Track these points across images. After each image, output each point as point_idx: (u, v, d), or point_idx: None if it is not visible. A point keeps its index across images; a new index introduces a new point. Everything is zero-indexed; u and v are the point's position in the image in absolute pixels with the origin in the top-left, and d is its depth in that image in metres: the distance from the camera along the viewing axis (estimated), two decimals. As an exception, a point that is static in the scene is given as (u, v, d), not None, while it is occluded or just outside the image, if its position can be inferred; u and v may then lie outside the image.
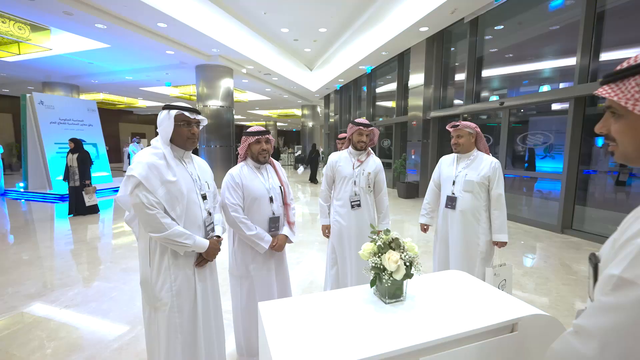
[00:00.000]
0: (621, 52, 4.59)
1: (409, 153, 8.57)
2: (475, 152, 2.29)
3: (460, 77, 7.45)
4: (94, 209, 6.21)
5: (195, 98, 14.87)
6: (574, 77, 4.79)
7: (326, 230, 2.44)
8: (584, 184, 5.07)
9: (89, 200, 5.98)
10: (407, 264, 1.06)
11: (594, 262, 0.64)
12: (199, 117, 1.54)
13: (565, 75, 5.34)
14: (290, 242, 2.01)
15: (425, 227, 2.53)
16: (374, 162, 2.39)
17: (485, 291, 1.24)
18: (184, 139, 1.50)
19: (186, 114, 1.47)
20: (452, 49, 7.70)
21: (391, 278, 1.05)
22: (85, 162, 6.04)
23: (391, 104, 11.03)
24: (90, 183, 6.09)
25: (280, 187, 1.97)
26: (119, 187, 1.67)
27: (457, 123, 2.27)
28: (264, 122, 26.85)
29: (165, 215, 1.38)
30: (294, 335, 0.95)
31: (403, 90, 9.33)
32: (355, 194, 2.31)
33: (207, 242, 1.50)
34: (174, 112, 1.46)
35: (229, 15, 7.66)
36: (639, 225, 0.53)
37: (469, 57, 6.78)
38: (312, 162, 11.50)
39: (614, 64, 4.26)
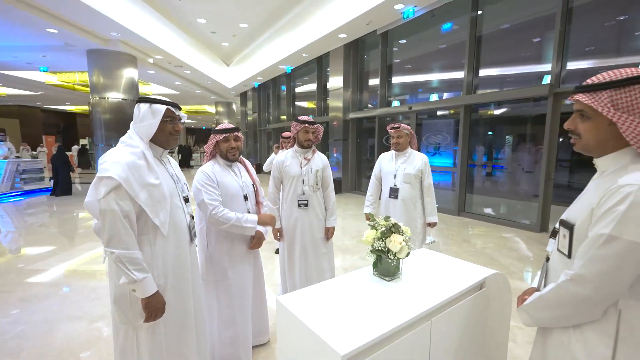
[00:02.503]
0: (493, 69, 5.87)
1: (330, 151, 9.09)
2: (410, 150, 2.69)
3: (373, 82, 8.29)
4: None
5: (81, 88, 12.52)
6: (463, 89, 5.91)
7: (278, 234, 2.39)
8: (469, 176, 6.32)
9: None
10: (408, 244, 1.24)
11: (570, 225, 0.90)
12: (182, 113, 1.42)
13: (452, 86, 6.55)
14: (264, 238, 2.00)
15: (369, 216, 2.81)
16: (320, 159, 2.40)
17: (452, 262, 1.52)
18: (167, 135, 1.36)
19: (172, 109, 1.35)
20: (366, 56, 8.49)
21: (395, 257, 1.22)
22: None
23: (307, 104, 11.47)
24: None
25: (252, 185, 1.94)
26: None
27: (397, 125, 2.62)
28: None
29: (131, 233, 1.20)
30: (327, 318, 1.02)
31: (322, 92, 9.81)
32: (303, 193, 2.30)
33: (153, 289, 1.23)
34: (161, 107, 1.31)
35: (136, -4, 6.76)
36: (615, 199, 0.79)
37: (382, 65, 7.61)
38: None
39: (491, 79, 5.46)
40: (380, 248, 1.24)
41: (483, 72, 5.86)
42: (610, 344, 0.82)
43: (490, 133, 7.01)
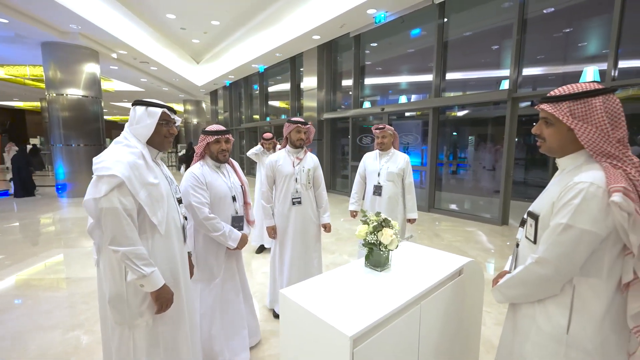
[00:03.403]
0: (458, 73, 6.27)
1: (305, 151, 9.17)
2: (393, 150, 2.85)
3: (345, 83, 8.48)
4: None
5: (33, 83, 11.55)
6: (431, 91, 6.25)
7: (272, 232, 2.45)
8: (437, 174, 6.71)
9: None
10: (398, 236, 1.36)
11: (535, 216, 1.06)
12: (176, 117, 1.45)
13: (421, 88, 6.91)
14: (247, 241, 2.04)
15: (354, 213, 2.94)
16: (311, 159, 2.52)
17: (433, 252, 1.67)
18: (162, 138, 1.39)
19: (167, 112, 1.38)
20: (339, 58, 8.66)
21: (386, 249, 1.33)
22: None
23: (279, 103, 11.47)
24: None
25: (240, 186, 1.98)
26: None
27: (382, 126, 2.76)
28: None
29: (135, 230, 1.23)
30: (330, 306, 1.11)
31: (296, 92, 9.86)
32: (297, 191, 2.40)
33: (162, 281, 1.27)
34: (157, 109, 1.34)
35: (98, -12, 6.39)
36: (571, 194, 0.94)
37: (355, 67, 7.81)
38: (190, 160, 11.43)
39: (455, 82, 5.88)
40: (372, 241, 1.35)
41: (449, 76, 6.24)
42: (566, 314, 0.99)
43: (455, 134, 7.48)
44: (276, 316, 2.52)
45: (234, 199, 1.91)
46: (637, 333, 0.94)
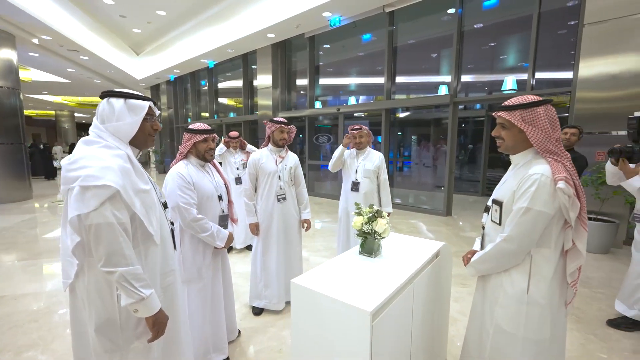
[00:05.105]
0: (402, 77, 6.80)
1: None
2: (369, 149, 3.04)
3: (300, 82, 8.59)
4: None
5: None
6: (383, 93, 6.68)
7: (255, 229, 2.48)
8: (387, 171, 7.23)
9: None
10: (390, 225, 1.53)
11: (499, 203, 1.31)
12: (156, 109, 1.31)
13: (372, 89, 7.36)
14: (233, 239, 2.05)
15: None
16: (293, 158, 2.61)
17: (412, 240, 1.89)
18: (146, 135, 1.24)
19: (152, 106, 1.25)
20: (294, 58, 8.73)
21: (380, 237, 1.49)
22: None
23: (227, 101, 11.15)
24: None
25: (224, 184, 1.97)
26: None
27: (358, 126, 2.93)
28: (52, 112, 20.12)
29: (131, 247, 1.07)
30: (341, 289, 1.22)
31: (249, 89, 9.67)
32: (281, 188, 2.49)
33: (158, 304, 1.13)
34: (141, 103, 1.18)
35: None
36: (527, 183, 1.19)
37: (310, 67, 7.96)
38: None
39: (400, 85, 6.41)
40: (367, 230, 1.50)
41: (398, 79, 6.76)
42: (526, 278, 1.26)
43: (399, 133, 8.11)
44: (256, 313, 2.55)
45: (220, 198, 1.90)
46: (574, 286, 1.26)
